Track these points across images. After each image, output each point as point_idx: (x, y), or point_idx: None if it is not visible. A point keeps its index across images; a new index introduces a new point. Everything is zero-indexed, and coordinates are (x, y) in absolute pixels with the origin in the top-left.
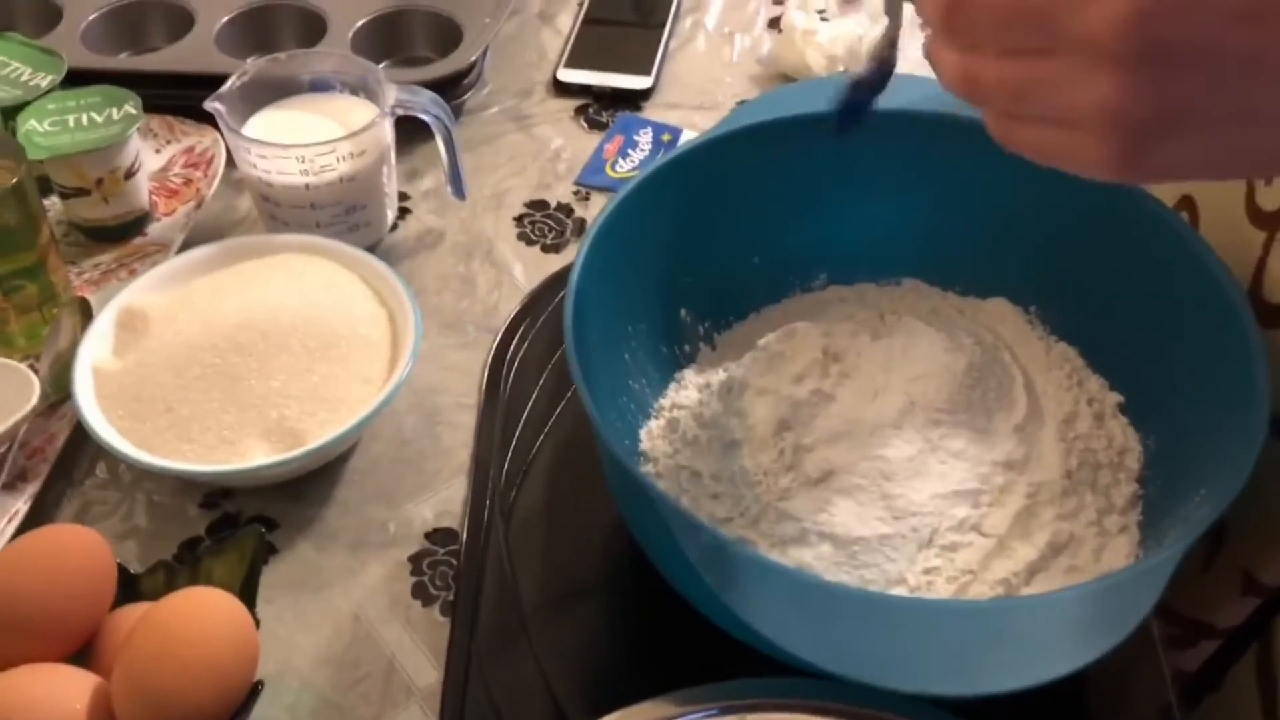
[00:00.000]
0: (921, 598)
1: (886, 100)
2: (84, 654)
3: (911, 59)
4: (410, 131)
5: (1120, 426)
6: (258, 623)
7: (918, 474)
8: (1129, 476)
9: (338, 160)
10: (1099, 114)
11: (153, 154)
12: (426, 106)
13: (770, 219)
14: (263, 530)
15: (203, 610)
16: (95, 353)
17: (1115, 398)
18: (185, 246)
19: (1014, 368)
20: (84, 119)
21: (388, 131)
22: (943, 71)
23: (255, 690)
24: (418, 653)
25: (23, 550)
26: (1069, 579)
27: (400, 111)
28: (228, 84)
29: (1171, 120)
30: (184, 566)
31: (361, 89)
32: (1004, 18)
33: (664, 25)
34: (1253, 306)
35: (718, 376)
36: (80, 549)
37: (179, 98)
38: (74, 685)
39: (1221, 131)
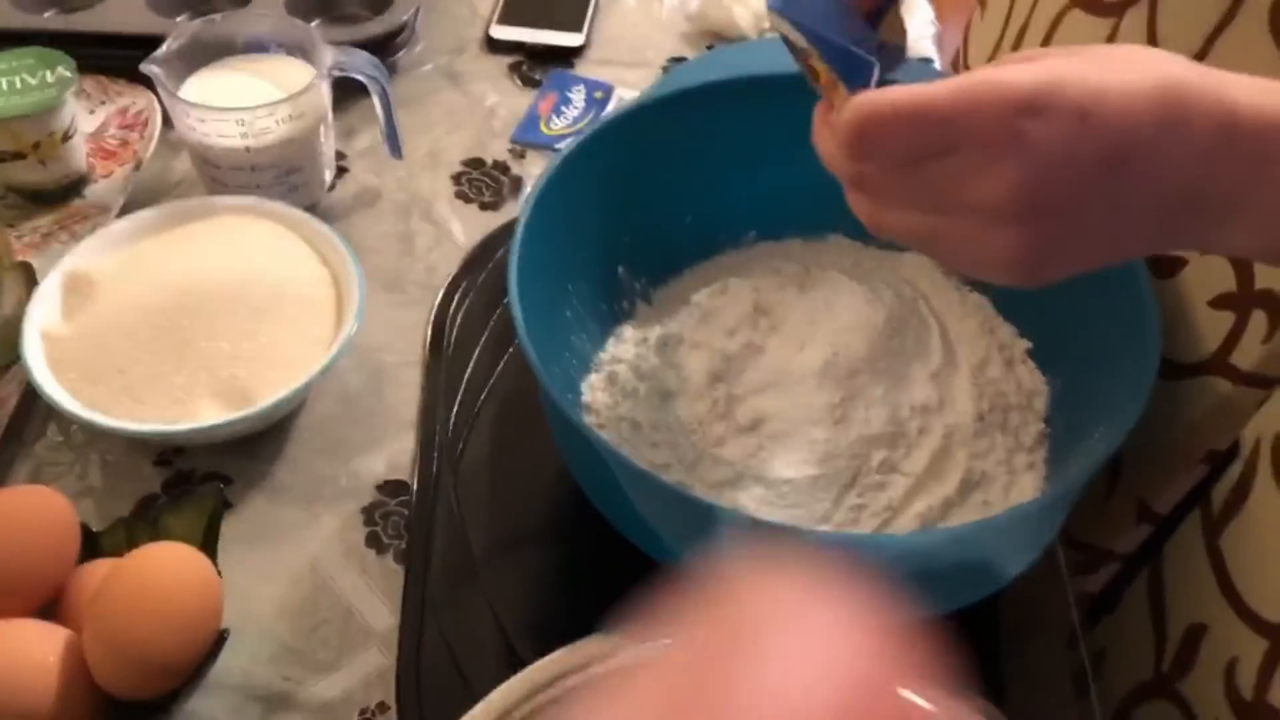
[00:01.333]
0: (846, 532)
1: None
2: (51, 609)
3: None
4: (346, 90)
5: (1028, 371)
6: (219, 575)
7: (842, 420)
8: (1036, 417)
9: (277, 123)
10: (1002, 261)
11: (86, 115)
12: (363, 68)
13: (701, 179)
14: (221, 487)
15: (169, 564)
16: (43, 317)
17: (1024, 344)
18: (125, 209)
19: (930, 318)
20: (16, 81)
21: (325, 94)
22: (857, 212)
23: (221, 638)
24: (373, 598)
25: None
26: (982, 513)
27: (337, 73)
28: (164, 47)
29: (1059, 252)
30: (143, 524)
31: (297, 50)
32: (907, 185)
33: None
34: (1147, 261)
35: (654, 332)
36: (44, 509)
37: (110, 58)
38: (45, 638)
39: (1099, 248)
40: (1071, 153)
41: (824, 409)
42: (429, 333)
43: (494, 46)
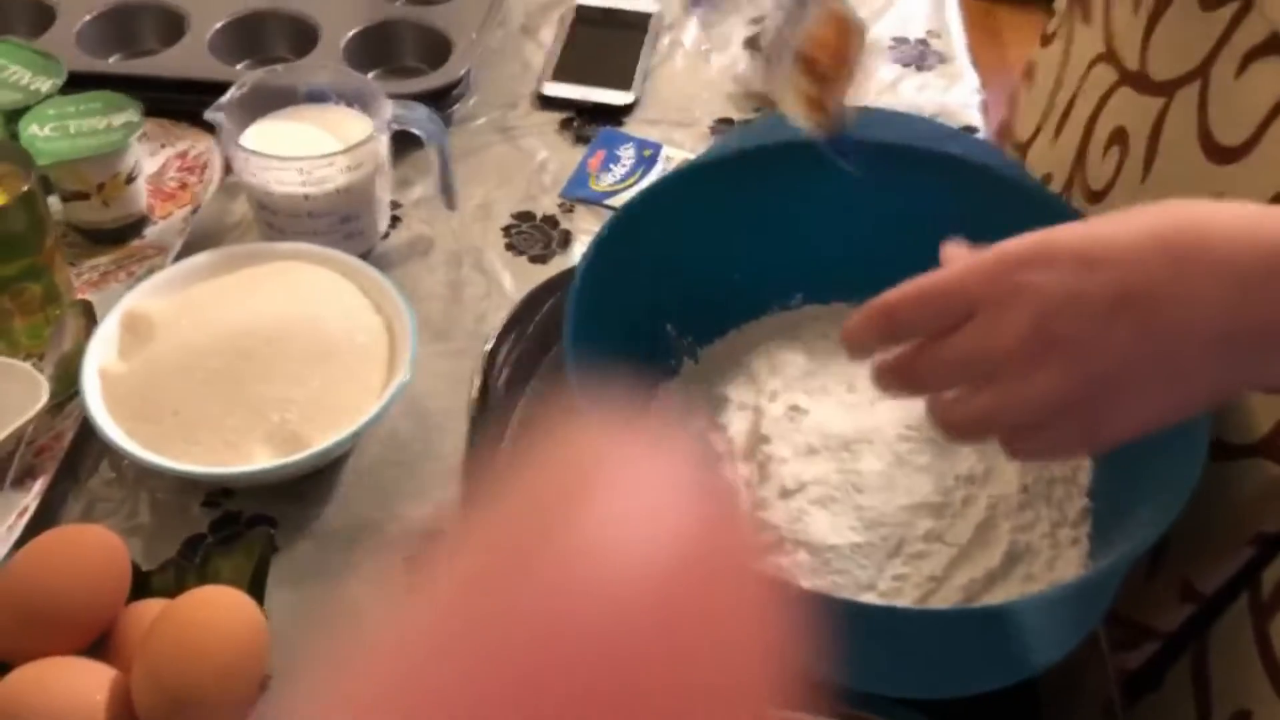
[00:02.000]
0: (893, 604)
1: (862, 132)
2: (100, 647)
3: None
4: (401, 142)
5: None
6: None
7: (886, 487)
8: (1080, 491)
9: (336, 172)
10: (1045, 406)
11: (148, 157)
12: (422, 123)
13: (750, 241)
14: (272, 532)
15: (218, 608)
16: (102, 355)
17: None
18: (183, 251)
19: None
20: (84, 125)
21: (384, 145)
22: (932, 422)
23: (266, 683)
24: None
25: (44, 548)
26: (1025, 587)
27: (396, 126)
28: (227, 95)
29: (1107, 389)
30: (193, 565)
31: (357, 101)
32: (944, 363)
33: (645, 41)
34: None
35: (701, 391)
36: (98, 548)
37: (172, 101)
38: (93, 677)
39: (1157, 387)
40: (1076, 293)
41: (869, 475)
42: (477, 381)
43: (546, 103)
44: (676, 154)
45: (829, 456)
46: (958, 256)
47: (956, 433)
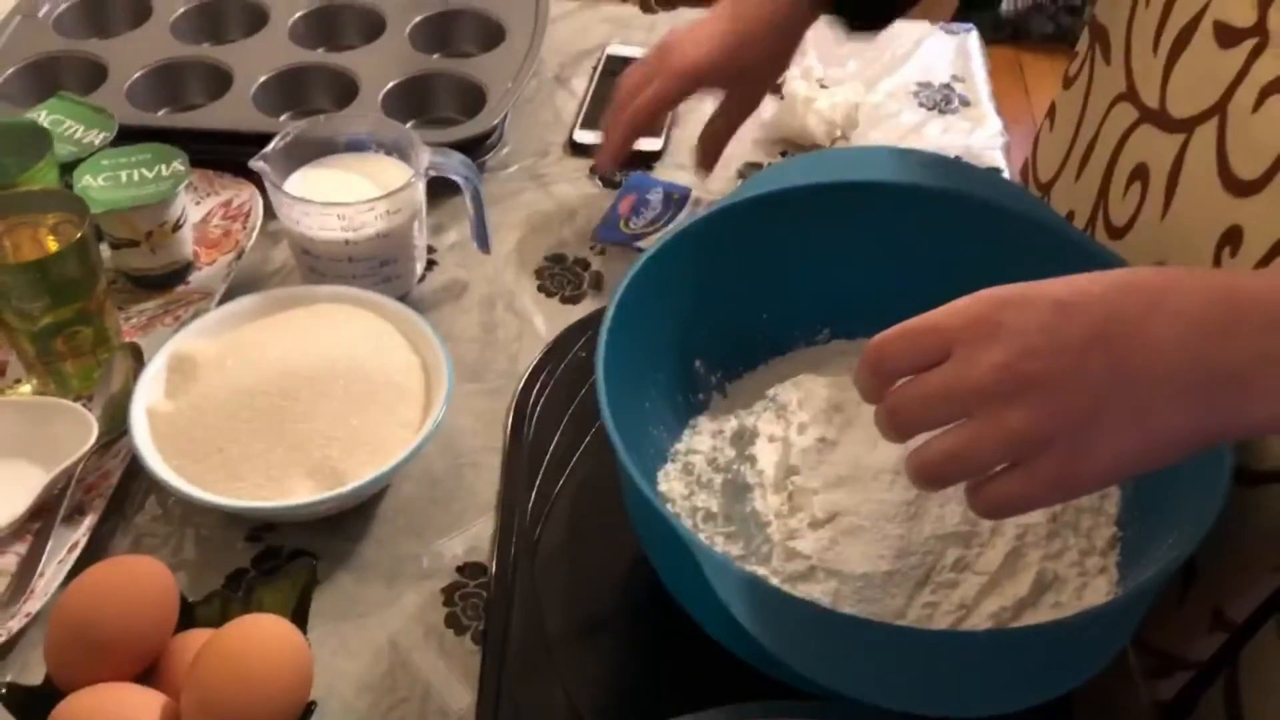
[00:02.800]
0: (924, 628)
1: (887, 174)
2: (150, 675)
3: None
4: (436, 189)
5: None
6: None
7: (916, 516)
8: (1108, 520)
9: (375, 218)
10: (1017, 442)
11: (193, 206)
12: (457, 169)
13: (778, 278)
14: (315, 563)
15: (264, 635)
16: (149, 395)
17: None
18: (227, 295)
19: None
20: (135, 175)
21: (421, 191)
22: (909, 472)
23: (309, 710)
24: (452, 678)
25: (98, 579)
26: (1054, 614)
27: (433, 173)
28: (272, 144)
29: (1079, 425)
30: (237, 595)
31: (395, 150)
32: (924, 399)
33: None
34: None
35: (730, 424)
36: (149, 578)
37: (217, 153)
38: (144, 703)
39: (1129, 424)
40: (1052, 332)
41: (898, 505)
42: (510, 420)
43: (576, 150)
44: (706, 197)
45: (858, 487)
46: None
47: (927, 472)
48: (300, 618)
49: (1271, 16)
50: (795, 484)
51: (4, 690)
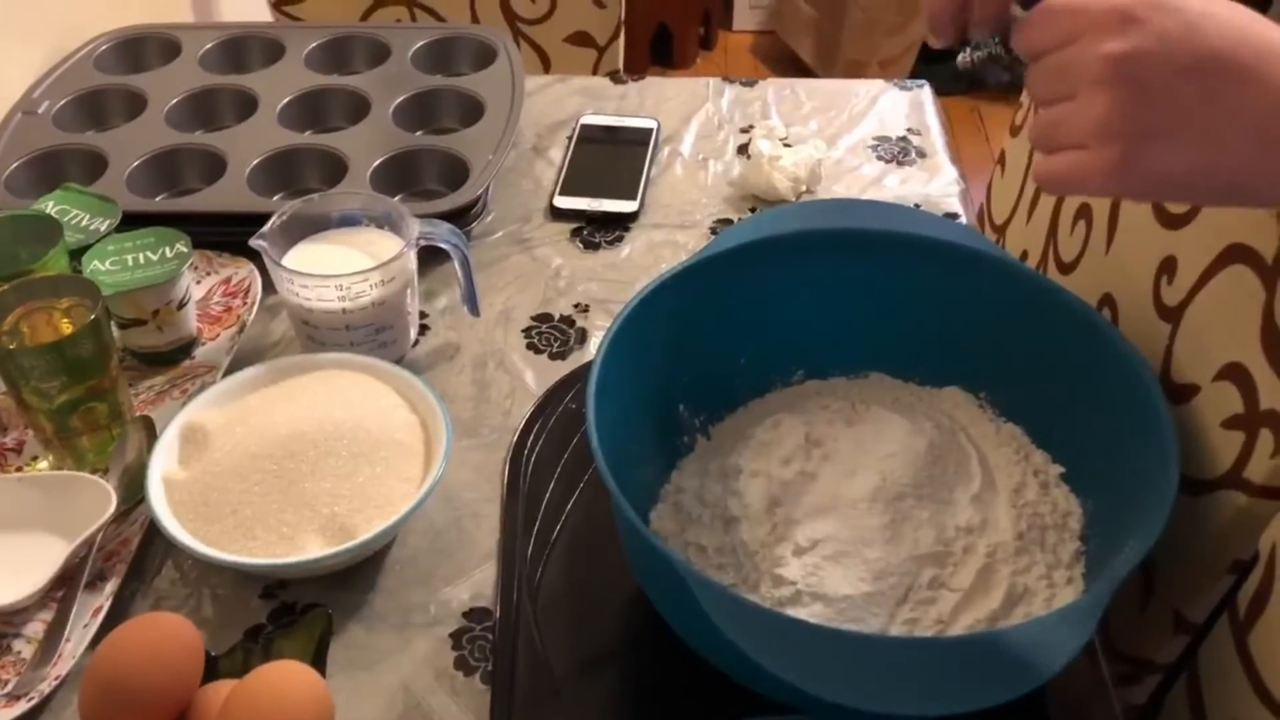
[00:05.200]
0: (910, 636)
1: (851, 222)
2: None
3: (873, 182)
4: (426, 257)
5: (1063, 494)
6: None
7: (892, 540)
8: (1072, 536)
9: (370, 287)
10: (1096, 126)
11: (194, 285)
12: (446, 237)
13: (753, 325)
14: (330, 611)
15: (287, 680)
16: (164, 464)
17: (1057, 469)
18: (231, 367)
19: (969, 446)
20: (140, 258)
21: (412, 260)
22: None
23: None
24: (463, 718)
25: (127, 635)
26: None
27: (423, 242)
28: (269, 223)
29: (1151, 132)
30: (257, 646)
31: (386, 222)
32: (1048, 75)
33: (646, 155)
34: (1163, 386)
35: (715, 463)
36: (175, 633)
37: (215, 234)
38: None
39: (1194, 149)
40: (1168, 46)
41: (875, 530)
42: (506, 471)
43: (557, 214)
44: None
45: (837, 515)
46: None
47: (1034, 135)
48: (319, 663)
49: None
50: (779, 515)
51: None
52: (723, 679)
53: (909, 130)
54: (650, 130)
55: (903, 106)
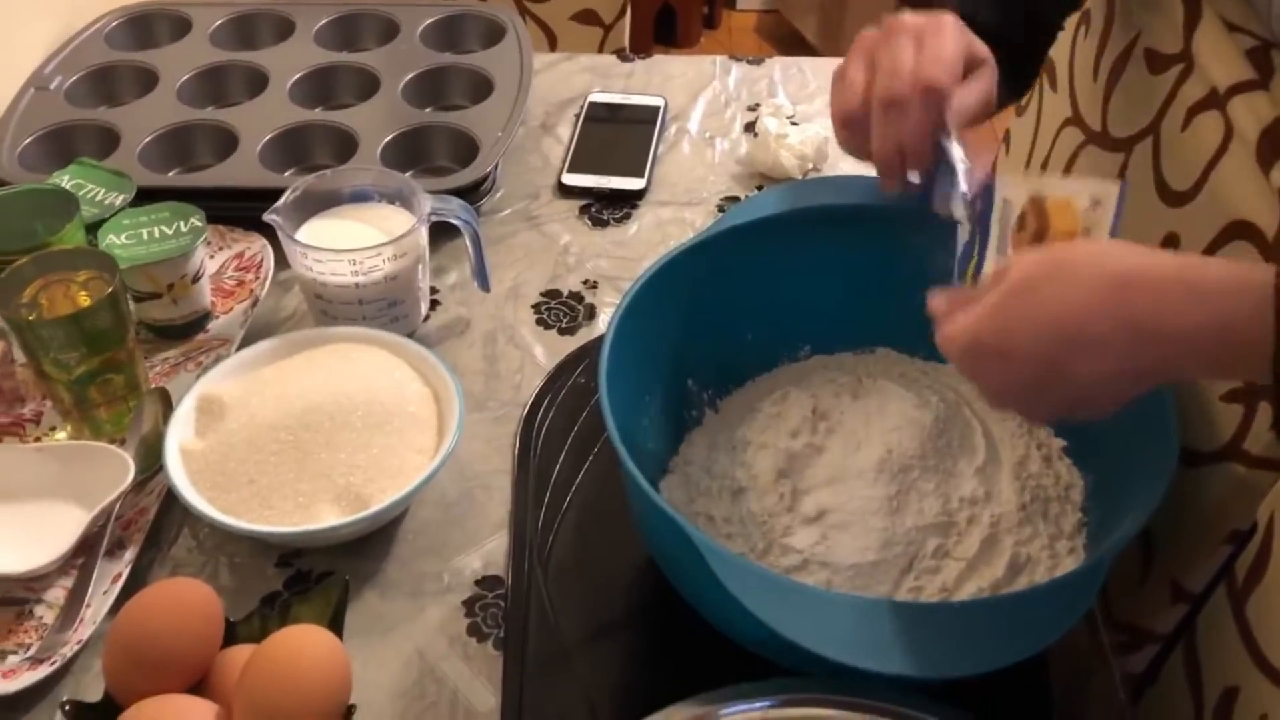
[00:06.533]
0: (914, 601)
1: (857, 199)
2: (199, 688)
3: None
4: (435, 234)
5: (1065, 466)
6: None
7: (898, 510)
8: (1074, 507)
9: (383, 262)
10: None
11: (208, 259)
12: (457, 213)
13: (761, 302)
14: (347, 578)
15: (306, 643)
16: (181, 435)
17: (1059, 442)
18: (244, 341)
19: (973, 420)
20: (155, 232)
21: (424, 235)
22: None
23: (350, 712)
24: (477, 682)
25: (150, 600)
26: None
27: (435, 218)
28: (283, 198)
29: (1017, 402)
30: (274, 612)
31: (397, 198)
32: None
33: (653, 132)
34: None
35: (723, 436)
36: (196, 598)
37: (228, 209)
38: (200, 712)
39: (1092, 410)
40: (1006, 381)
41: (881, 500)
42: (516, 444)
43: (565, 192)
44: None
45: (844, 486)
46: (937, 305)
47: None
48: (336, 628)
49: (1195, 42)
50: (786, 486)
51: (67, 706)
52: (729, 644)
53: None
54: (657, 108)
55: None
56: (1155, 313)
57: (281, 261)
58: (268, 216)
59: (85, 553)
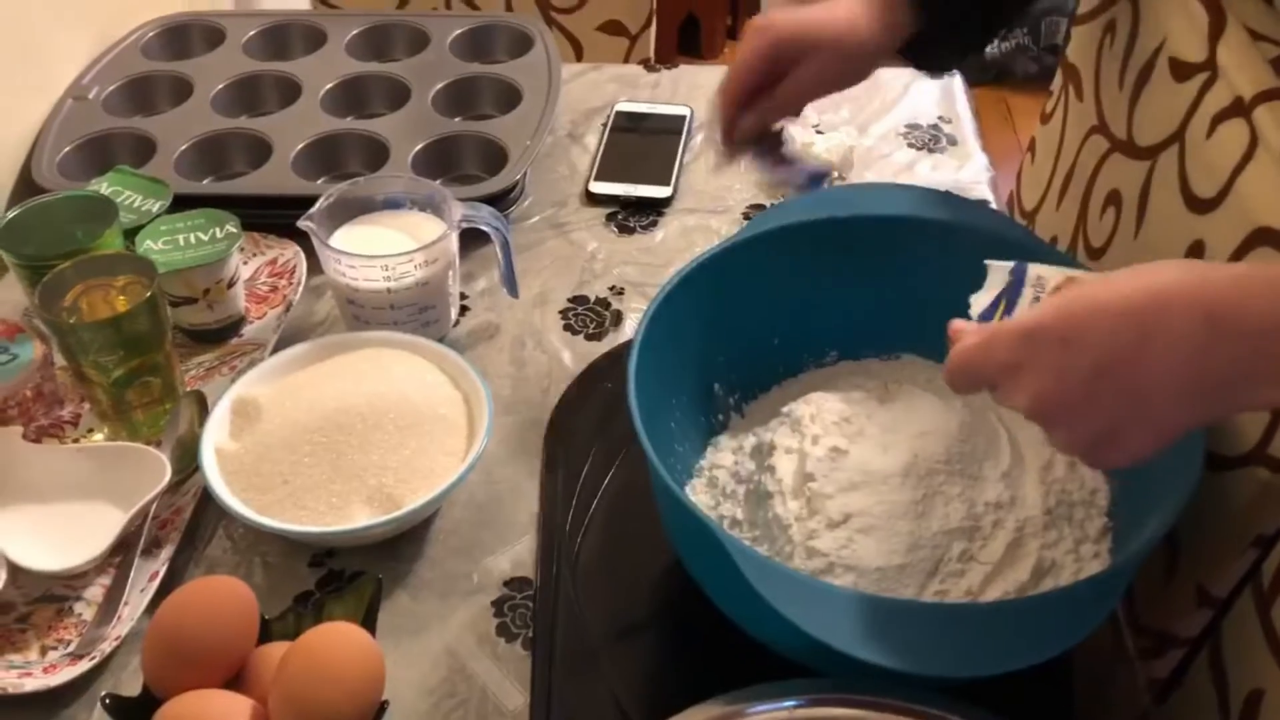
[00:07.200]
0: (942, 602)
1: (883, 208)
2: (235, 683)
3: (905, 169)
4: (465, 241)
5: (1090, 471)
6: None
7: (923, 515)
8: (1099, 512)
9: (414, 268)
10: (1065, 447)
11: (242, 265)
12: (488, 220)
13: (787, 307)
14: (380, 576)
15: (341, 640)
16: (216, 437)
17: None
18: (278, 345)
19: (999, 425)
20: (192, 238)
21: (454, 242)
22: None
23: (383, 708)
24: (505, 681)
25: (188, 597)
26: None
27: (465, 225)
28: (317, 205)
29: (1100, 438)
30: (309, 610)
31: (428, 206)
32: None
33: (679, 141)
34: None
35: (749, 440)
36: (232, 596)
37: (261, 216)
38: (237, 706)
39: (1143, 434)
40: (1062, 370)
41: (907, 505)
42: (544, 447)
43: (593, 200)
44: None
45: (870, 490)
46: (960, 332)
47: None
48: (369, 626)
49: (1220, 51)
50: (812, 490)
51: (107, 700)
52: (755, 645)
53: (940, 118)
54: (683, 117)
55: (934, 94)
56: (1239, 301)
57: (314, 268)
58: (302, 223)
59: (123, 551)
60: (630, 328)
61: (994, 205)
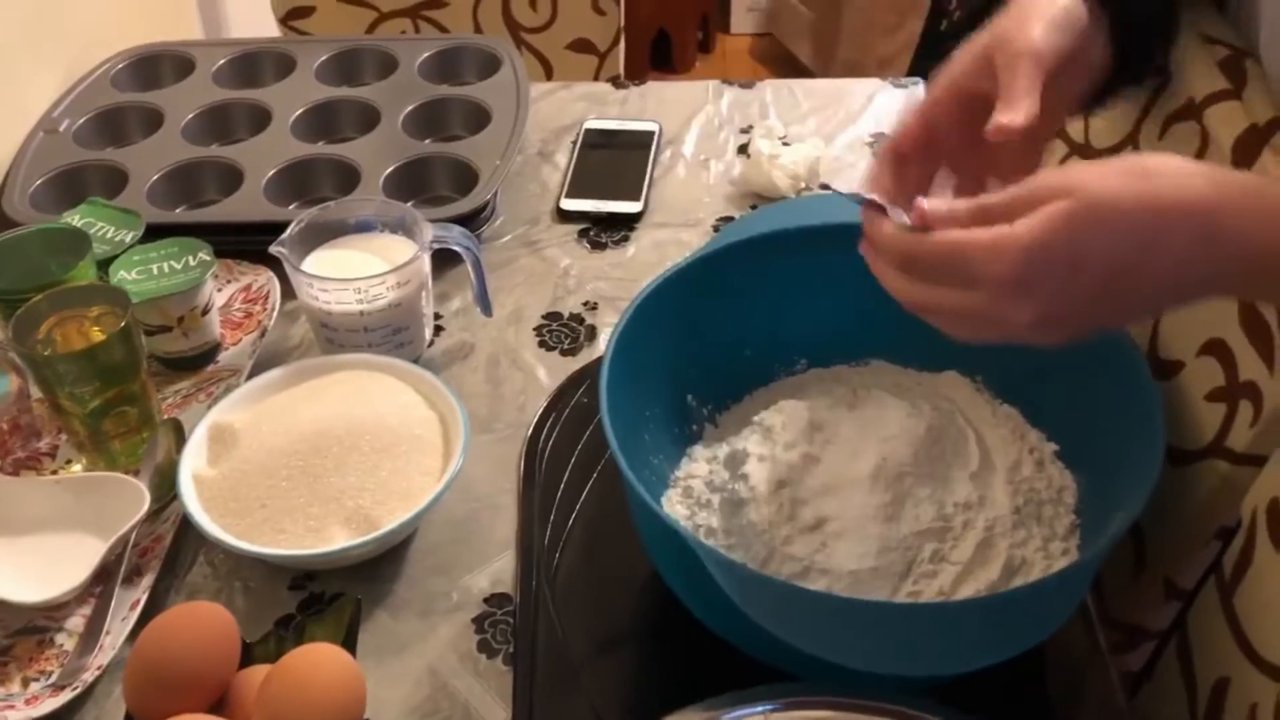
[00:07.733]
0: (915, 602)
1: (849, 216)
2: (218, 707)
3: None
4: (438, 261)
5: (1057, 470)
6: None
7: (894, 517)
8: (1067, 510)
9: (387, 289)
10: (1027, 327)
11: (215, 292)
12: (459, 240)
13: (757, 317)
14: (359, 597)
15: (322, 661)
16: (194, 463)
17: (1052, 446)
18: (254, 370)
19: (967, 428)
20: (165, 267)
21: (426, 263)
22: (897, 296)
23: None
24: (487, 697)
25: (168, 623)
26: None
27: (437, 245)
28: (288, 231)
29: (1063, 319)
30: (289, 633)
31: (400, 228)
32: (939, 263)
33: (649, 157)
34: (1150, 362)
35: (722, 449)
36: (214, 621)
37: (235, 243)
38: None
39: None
40: (1068, 296)
41: (878, 508)
42: (522, 464)
43: (564, 216)
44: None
45: (841, 495)
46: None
47: (917, 311)
48: (350, 647)
49: (1174, 54)
50: (785, 496)
51: None
52: (735, 654)
53: None
54: (652, 133)
55: (898, 104)
56: (1240, 227)
57: (288, 293)
58: (274, 249)
59: (103, 581)
60: (605, 342)
61: None
